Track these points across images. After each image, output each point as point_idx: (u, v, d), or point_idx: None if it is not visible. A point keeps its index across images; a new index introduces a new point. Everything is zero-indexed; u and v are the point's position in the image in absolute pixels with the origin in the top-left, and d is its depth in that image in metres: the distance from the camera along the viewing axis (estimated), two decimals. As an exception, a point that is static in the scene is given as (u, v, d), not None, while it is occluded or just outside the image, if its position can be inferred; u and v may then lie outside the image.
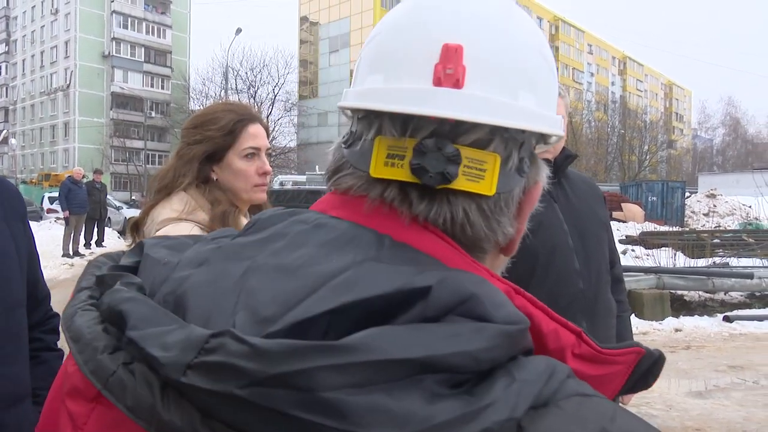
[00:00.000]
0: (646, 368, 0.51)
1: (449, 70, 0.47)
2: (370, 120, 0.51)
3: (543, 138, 0.53)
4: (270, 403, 0.35)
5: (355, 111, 0.54)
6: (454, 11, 0.50)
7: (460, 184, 0.48)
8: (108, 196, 16.17)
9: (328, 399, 0.35)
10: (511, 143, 0.50)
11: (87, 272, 0.54)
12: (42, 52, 57.72)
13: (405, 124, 0.49)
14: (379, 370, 0.36)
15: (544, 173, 0.56)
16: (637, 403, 4.46)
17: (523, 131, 0.50)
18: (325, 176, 0.57)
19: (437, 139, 0.48)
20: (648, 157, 54.24)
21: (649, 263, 9.55)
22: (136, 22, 55.50)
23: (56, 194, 15.44)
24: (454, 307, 0.41)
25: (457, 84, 0.47)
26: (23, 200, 1.32)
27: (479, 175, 0.48)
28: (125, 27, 54.79)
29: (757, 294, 8.55)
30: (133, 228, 1.58)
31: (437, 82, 0.48)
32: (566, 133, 1.95)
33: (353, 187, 0.51)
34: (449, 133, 0.48)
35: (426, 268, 0.44)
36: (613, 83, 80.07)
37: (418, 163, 0.47)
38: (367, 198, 0.50)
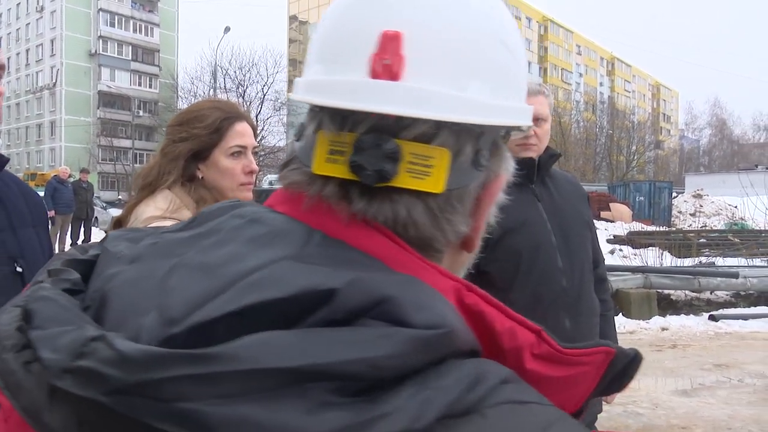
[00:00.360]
0: (622, 369, 0.48)
1: (386, 60, 0.44)
2: (313, 113, 0.49)
3: (512, 127, 0.50)
4: (132, 412, 0.34)
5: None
6: None
7: (403, 181, 0.44)
8: (95, 196, 16.03)
9: (188, 410, 0.33)
10: (465, 136, 0.46)
11: (47, 265, 0.51)
12: (27, 50, 57.07)
13: (344, 118, 0.46)
14: (249, 380, 0.34)
15: (509, 164, 0.52)
16: (624, 401, 4.49)
17: (492, 126, 0.47)
18: (278, 170, 0.54)
19: (376, 135, 0.44)
20: (636, 157, 54.66)
21: (636, 263, 9.62)
22: (123, 20, 55.03)
23: (42, 193, 15.27)
24: (368, 309, 0.38)
25: (395, 76, 0.44)
26: (45, 207, 1.38)
27: (425, 172, 0.44)
28: (112, 25, 54.32)
29: (742, 293, 8.64)
30: (116, 226, 1.56)
31: (374, 74, 0.44)
32: (550, 132, 1.96)
33: (297, 182, 0.49)
34: (391, 127, 0.45)
35: (347, 267, 0.41)
36: (601, 84, 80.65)
37: (355, 161, 0.44)
38: (306, 194, 0.48)
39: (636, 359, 0.49)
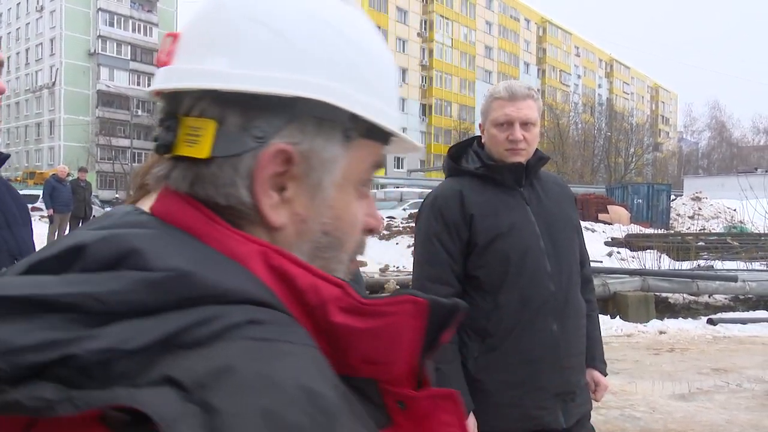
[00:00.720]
0: (442, 319, 0.52)
1: (163, 54, 0.55)
2: None
3: (309, 105, 0.52)
4: None
5: None
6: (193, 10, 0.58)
7: (180, 150, 0.51)
8: (93, 195, 15.99)
9: None
10: (231, 107, 0.50)
11: None
12: (27, 50, 57.04)
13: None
14: None
15: (320, 139, 0.53)
16: (621, 405, 4.47)
17: (254, 96, 0.50)
18: None
19: (165, 113, 0.53)
20: (634, 159, 54.69)
21: (634, 265, 9.62)
22: (122, 19, 55.02)
23: (39, 192, 15.23)
24: (117, 261, 0.44)
25: (165, 63, 0.54)
26: (28, 208, 1.44)
27: (195, 140, 0.50)
28: (111, 25, 54.29)
29: (741, 297, 8.63)
30: None
31: (159, 64, 0.55)
32: (550, 134, 1.94)
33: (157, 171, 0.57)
34: (173, 105, 0.53)
35: (124, 229, 0.48)
36: (599, 85, 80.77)
37: (155, 137, 0.53)
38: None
39: (455, 308, 0.52)
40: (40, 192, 15.71)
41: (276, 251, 0.50)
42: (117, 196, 35.83)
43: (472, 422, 1.81)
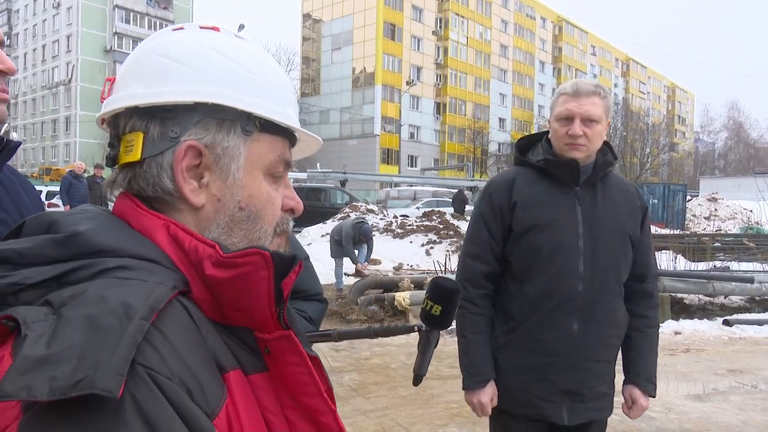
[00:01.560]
0: (284, 269, 0.63)
1: (104, 92, 0.73)
2: None
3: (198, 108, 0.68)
4: None
5: None
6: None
7: (123, 159, 0.69)
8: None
9: None
10: (152, 121, 0.68)
11: None
12: (44, 46, 57.70)
13: None
14: None
15: (222, 134, 0.69)
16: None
17: (168, 109, 0.68)
18: None
19: (111, 136, 0.71)
20: (650, 159, 54.20)
21: (649, 266, 9.52)
22: (138, 17, 55.48)
23: (56, 188, 15.41)
24: (45, 230, 0.62)
25: (104, 99, 0.72)
26: (41, 199, 1.43)
27: (131, 149, 0.68)
28: (127, 22, 54.77)
29: (757, 298, 8.55)
30: None
31: (101, 101, 0.73)
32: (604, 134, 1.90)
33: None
34: (117, 129, 0.70)
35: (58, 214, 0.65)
36: (615, 85, 79.98)
37: (105, 156, 0.72)
38: None
39: (294, 260, 0.64)
40: (56, 188, 15.90)
41: (174, 224, 0.66)
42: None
43: (491, 391, 1.91)
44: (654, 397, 1.97)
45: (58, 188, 14.69)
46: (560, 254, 1.83)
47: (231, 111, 0.69)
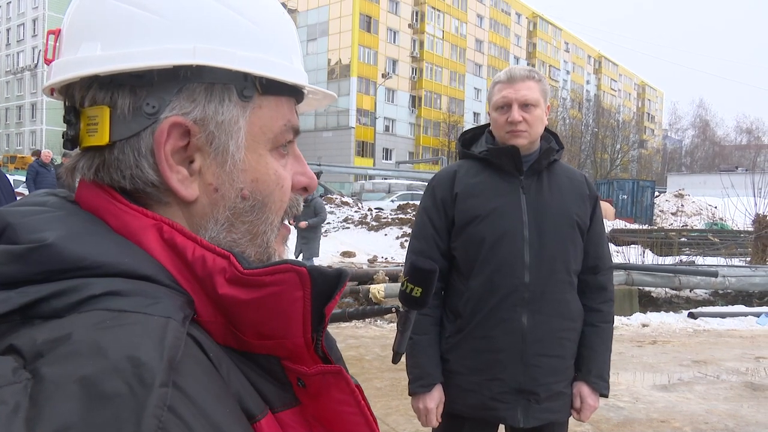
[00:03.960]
0: (328, 289, 0.51)
1: (47, 53, 0.55)
2: None
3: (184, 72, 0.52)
4: None
5: None
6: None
7: (85, 141, 0.52)
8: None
9: None
10: (118, 90, 0.51)
11: None
12: (8, 30, 55.90)
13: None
14: None
15: (214, 104, 0.53)
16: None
17: (138, 74, 0.51)
18: None
19: (66, 109, 0.54)
20: (620, 155, 55.20)
21: (618, 260, 9.76)
22: None
23: (22, 177, 14.99)
24: None
25: (49, 60, 0.55)
26: (12, 188, 1.38)
27: (95, 129, 0.51)
28: (97, 7, 53.36)
29: (721, 292, 8.82)
30: None
31: (45, 63, 0.55)
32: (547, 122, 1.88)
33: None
34: (73, 100, 0.54)
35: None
36: (588, 82, 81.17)
37: (62, 135, 0.54)
38: None
39: (340, 277, 0.51)
40: (22, 177, 15.47)
41: (169, 224, 0.50)
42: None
43: (438, 395, 1.82)
44: (606, 396, 1.87)
45: (23, 177, 14.29)
46: (504, 244, 1.77)
47: (222, 72, 0.53)
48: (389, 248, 12.54)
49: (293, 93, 0.59)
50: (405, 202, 17.32)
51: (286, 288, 0.49)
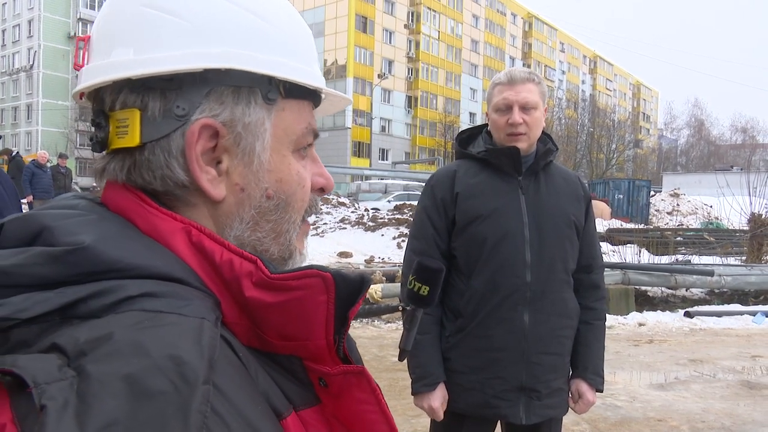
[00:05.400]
0: (351, 294, 0.53)
1: (78, 59, 0.57)
2: None
3: (219, 75, 0.54)
4: None
5: None
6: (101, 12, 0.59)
7: (114, 143, 0.54)
8: (73, 182, 15.75)
9: None
10: (149, 93, 0.53)
11: None
12: (4, 31, 55.67)
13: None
14: None
15: (241, 106, 0.55)
16: (602, 394, 4.57)
17: (168, 78, 0.53)
18: None
19: (95, 113, 0.56)
20: (615, 155, 55.34)
21: (615, 259, 9.79)
22: (103, 2, 53.68)
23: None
24: (33, 238, 0.48)
25: (79, 66, 0.56)
26: (16, 189, 1.39)
27: (124, 132, 0.53)
28: (92, 7, 53.15)
29: (717, 291, 8.85)
30: None
31: (76, 68, 0.57)
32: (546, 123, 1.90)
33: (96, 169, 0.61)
34: (102, 104, 0.55)
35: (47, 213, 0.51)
36: (583, 82, 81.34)
37: (90, 138, 0.56)
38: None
39: (363, 283, 0.53)
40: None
41: (197, 228, 0.52)
42: (94, 183, 35.26)
43: (442, 394, 1.83)
44: (601, 391, 1.92)
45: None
46: (506, 244, 1.79)
47: (248, 75, 0.55)
48: (386, 248, 12.53)
49: (312, 97, 0.61)
50: (402, 203, 17.32)
51: (310, 292, 0.51)
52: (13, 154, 13.43)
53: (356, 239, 13.00)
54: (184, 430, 0.37)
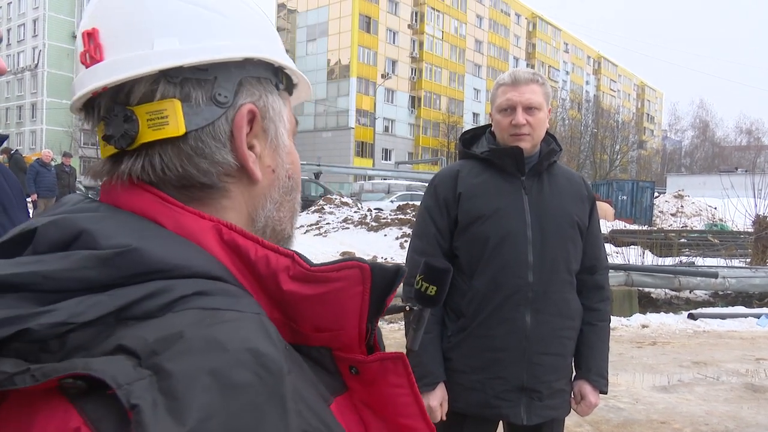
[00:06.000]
0: (386, 284, 0.54)
1: (89, 52, 0.55)
2: (84, 116, 0.59)
3: (250, 64, 0.57)
4: None
5: None
6: (94, 1, 0.57)
7: (147, 135, 0.53)
8: (77, 181, 15.79)
9: None
10: (189, 83, 0.54)
11: None
12: (9, 30, 55.82)
13: (93, 109, 0.57)
14: None
15: (267, 93, 0.59)
16: (605, 396, 4.56)
17: (203, 68, 0.54)
18: None
19: (112, 109, 0.54)
20: (619, 156, 55.23)
21: (618, 261, 9.76)
22: None
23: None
24: (69, 242, 0.47)
25: (97, 60, 0.54)
26: (21, 188, 1.40)
27: (163, 122, 0.53)
28: (97, 7, 53.29)
29: (721, 293, 8.82)
30: None
31: (85, 65, 0.55)
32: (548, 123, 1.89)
33: (94, 171, 0.59)
34: (121, 99, 0.54)
35: (81, 214, 0.51)
36: (587, 82, 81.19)
37: (105, 134, 0.54)
38: (101, 179, 0.58)
39: (398, 273, 0.55)
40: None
41: (227, 226, 0.53)
42: (100, 182, 35.32)
43: (441, 393, 1.83)
44: (605, 393, 1.91)
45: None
46: (508, 244, 1.79)
47: (269, 67, 0.59)
48: (389, 248, 12.53)
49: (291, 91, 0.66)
50: (404, 203, 17.30)
51: (349, 283, 0.52)
52: (12, 152, 13.46)
53: (359, 239, 13.00)
54: (283, 416, 0.38)
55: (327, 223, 14.70)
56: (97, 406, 0.38)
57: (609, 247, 11.61)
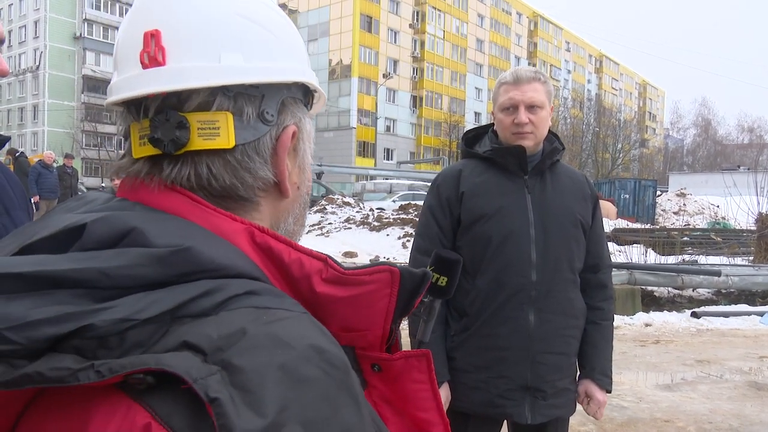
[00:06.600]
0: (413, 287, 0.56)
1: (150, 53, 0.55)
2: (123, 112, 0.60)
3: (293, 85, 0.61)
4: None
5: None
6: (157, 1, 0.57)
7: (198, 144, 0.54)
8: (79, 182, 15.82)
9: None
10: (242, 99, 0.56)
11: None
12: (10, 32, 55.87)
13: (138, 108, 0.57)
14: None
15: (302, 115, 0.62)
16: (609, 395, 4.54)
17: (255, 86, 0.56)
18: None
19: (164, 113, 0.54)
20: (621, 155, 55.16)
21: (621, 259, 9.75)
22: (109, 3, 54.11)
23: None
24: (118, 239, 0.47)
25: (159, 63, 0.55)
26: (23, 189, 1.40)
27: (214, 133, 0.55)
28: (97, 8, 53.40)
29: (724, 291, 8.80)
30: None
31: (143, 66, 0.55)
32: (551, 122, 1.91)
33: (123, 168, 0.59)
34: (175, 104, 0.55)
35: (123, 212, 0.51)
36: (589, 81, 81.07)
37: (153, 136, 0.55)
38: (127, 176, 0.58)
39: (425, 277, 0.57)
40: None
41: (260, 229, 0.54)
42: (103, 184, 35.43)
43: (445, 393, 1.83)
44: (610, 392, 1.91)
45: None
46: (511, 243, 1.78)
47: (300, 89, 0.62)
48: (391, 248, 12.53)
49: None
50: (406, 202, 17.30)
51: (380, 286, 0.54)
52: (17, 154, 13.48)
53: (361, 239, 13.01)
54: (356, 405, 0.40)
55: (329, 223, 14.71)
56: (164, 401, 0.38)
57: (612, 246, 11.59)
